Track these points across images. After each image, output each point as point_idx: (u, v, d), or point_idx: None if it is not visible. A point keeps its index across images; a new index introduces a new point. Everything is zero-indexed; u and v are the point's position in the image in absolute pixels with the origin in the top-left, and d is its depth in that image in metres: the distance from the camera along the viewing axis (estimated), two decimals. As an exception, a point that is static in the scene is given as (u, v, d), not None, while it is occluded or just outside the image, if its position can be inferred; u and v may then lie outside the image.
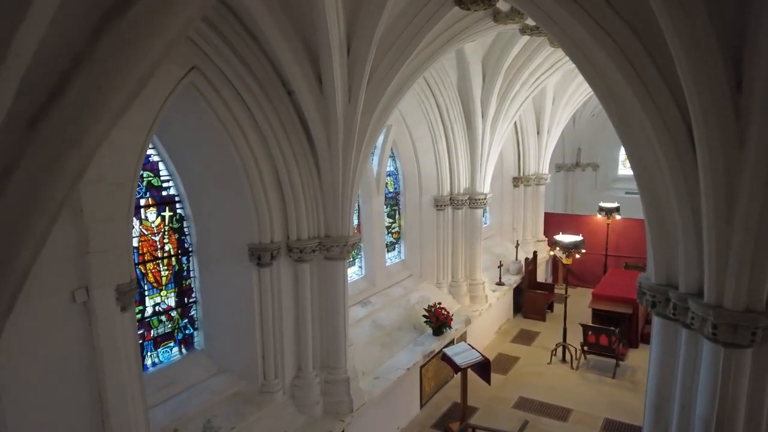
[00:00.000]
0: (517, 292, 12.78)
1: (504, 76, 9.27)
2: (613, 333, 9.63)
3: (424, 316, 9.09)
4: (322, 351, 6.67)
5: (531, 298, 12.64)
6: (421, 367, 8.44)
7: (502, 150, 12.79)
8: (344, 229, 6.32)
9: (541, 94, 12.33)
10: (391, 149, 9.63)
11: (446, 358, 7.88)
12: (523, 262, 12.95)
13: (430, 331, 9.10)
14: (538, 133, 13.50)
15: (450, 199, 10.15)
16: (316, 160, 6.00)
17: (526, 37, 8.53)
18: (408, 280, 10.22)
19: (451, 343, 9.00)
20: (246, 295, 6.08)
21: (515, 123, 12.81)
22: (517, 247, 13.20)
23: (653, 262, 3.72)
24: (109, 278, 4.46)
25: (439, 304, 9.30)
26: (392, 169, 10.02)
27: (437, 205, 10.12)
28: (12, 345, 3.86)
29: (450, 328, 9.25)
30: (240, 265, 6.02)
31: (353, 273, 9.15)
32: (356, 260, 9.25)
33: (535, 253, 13.46)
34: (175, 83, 4.89)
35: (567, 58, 9.57)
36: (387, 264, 9.91)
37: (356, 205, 8.96)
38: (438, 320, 9.05)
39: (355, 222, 9.01)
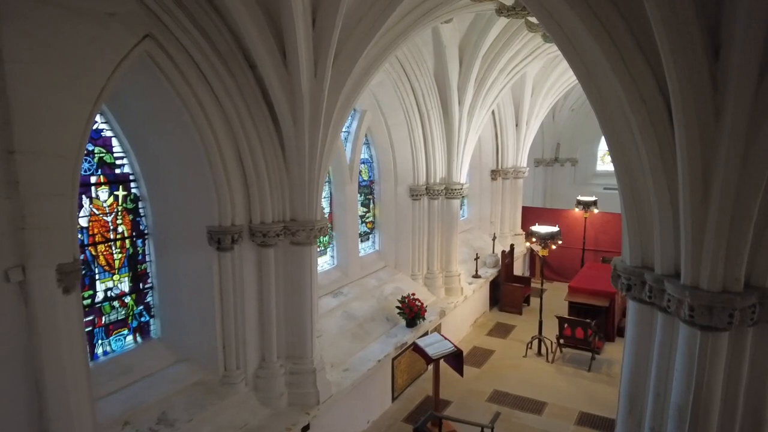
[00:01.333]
0: (494, 285, 12.64)
1: (481, 62, 9.07)
2: (589, 326, 9.52)
3: (398, 307, 8.85)
4: (287, 341, 6.38)
5: (508, 291, 12.50)
6: (394, 359, 8.21)
7: (481, 142, 12.66)
8: (311, 213, 6.04)
9: (520, 84, 12.19)
10: (366, 136, 9.37)
11: (418, 349, 7.64)
12: (500, 255, 12.80)
13: (403, 323, 8.88)
14: (516, 125, 13.35)
15: (426, 188, 9.92)
16: (281, 139, 5.70)
17: (503, 21, 8.35)
18: (382, 271, 9.98)
19: (425, 335, 8.77)
20: (205, 280, 5.76)
21: (494, 114, 12.66)
22: (494, 240, 13.06)
23: (628, 245, 3.54)
24: (50, 257, 4.12)
25: (413, 295, 9.08)
26: (367, 156, 9.75)
27: (413, 195, 9.89)
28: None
29: (424, 319, 9.04)
30: (199, 250, 5.71)
31: (325, 263, 8.89)
32: (328, 249, 8.97)
33: (512, 246, 13.32)
34: (126, 51, 4.54)
35: (546, 45, 9.50)
36: (361, 254, 9.64)
37: (328, 192, 8.72)
38: (411, 311, 8.83)
39: (327, 210, 8.75)
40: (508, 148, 13.47)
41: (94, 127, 5.20)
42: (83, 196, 5.13)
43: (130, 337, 5.71)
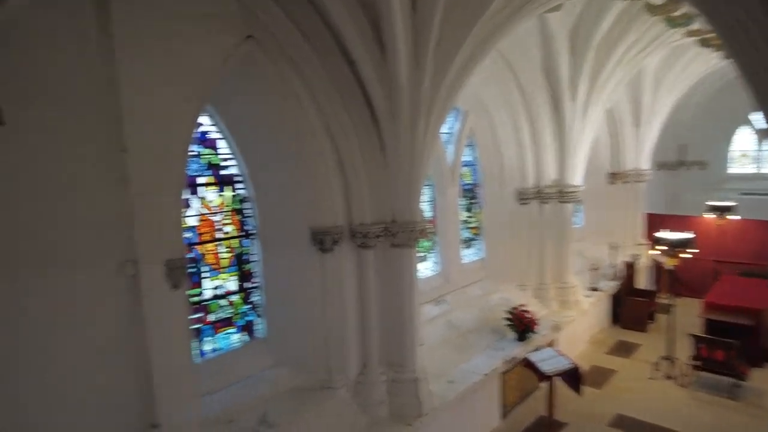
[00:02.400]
0: (614, 299, 11.50)
1: (595, 54, 8.30)
2: (733, 347, 8.21)
3: (506, 318, 8.28)
4: (388, 347, 6.13)
5: (630, 306, 11.30)
6: (502, 374, 7.63)
7: (596, 143, 11.67)
8: (411, 213, 5.78)
9: (639, 79, 11.10)
10: (469, 138, 8.98)
11: (530, 365, 7.05)
12: (620, 267, 11.65)
13: (511, 335, 8.28)
14: (635, 124, 12.18)
15: (536, 191, 9.26)
16: (380, 136, 5.52)
17: (618, 7, 7.58)
18: (487, 280, 9.45)
19: (537, 350, 8.10)
20: (307, 282, 5.72)
21: (609, 113, 11.63)
22: (613, 249, 11.91)
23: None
24: (159, 253, 4.26)
25: (522, 306, 8.45)
26: (470, 158, 9.35)
27: (521, 199, 9.29)
28: (54, 315, 3.73)
29: (535, 333, 8.36)
30: (302, 250, 5.68)
31: (427, 269, 8.57)
32: (430, 256, 8.66)
33: (634, 256, 12.08)
34: (229, 52, 4.64)
35: (669, 33, 8.51)
36: (464, 261, 9.21)
37: (431, 196, 8.44)
38: (521, 324, 8.21)
39: (429, 215, 8.45)
40: (626, 149, 12.31)
41: (202, 129, 5.38)
42: (193, 196, 5.30)
43: (236, 336, 5.78)
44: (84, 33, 3.71)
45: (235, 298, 5.75)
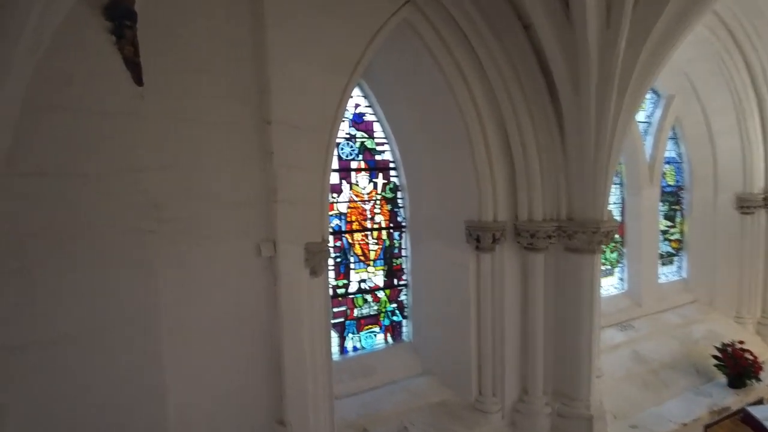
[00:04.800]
0: None
1: None
2: None
3: (715, 357, 6.53)
4: (555, 373, 5.09)
5: None
6: (706, 427, 5.95)
7: None
8: (595, 211, 4.67)
9: None
10: (673, 129, 7.37)
11: (750, 420, 5.34)
12: None
13: (723, 379, 6.51)
14: None
15: (764, 198, 7.24)
16: (558, 115, 4.57)
17: None
18: (690, 307, 7.65)
19: (760, 403, 6.22)
20: (461, 284, 4.98)
21: None
22: None
23: None
24: (299, 235, 3.91)
25: (741, 343, 6.59)
26: (674, 155, 7.68)
27: (742, 207, 7.32)
28: (191, 282, 3.56)
29: (758, 380, 6.45)
30: (455, 247, 4.97)
31: (611, 286, 7.22)
32: (616, 270, 7.27)
33: None
34: (385, 19, 4.13)
35: None
36: (660, 281, 7.59)
37: (619, 197, 7.10)
38: (737, 366, 6.39)
39: (618, 219, 7.08)
40: None
41: (357, 110, 5.02)
42: (344, 181, 4.96)
43: (381, 336, 5.30)
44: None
45: (381, 294, 5.28)
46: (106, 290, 3.17)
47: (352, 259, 5.06)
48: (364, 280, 5.17)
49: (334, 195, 4.93)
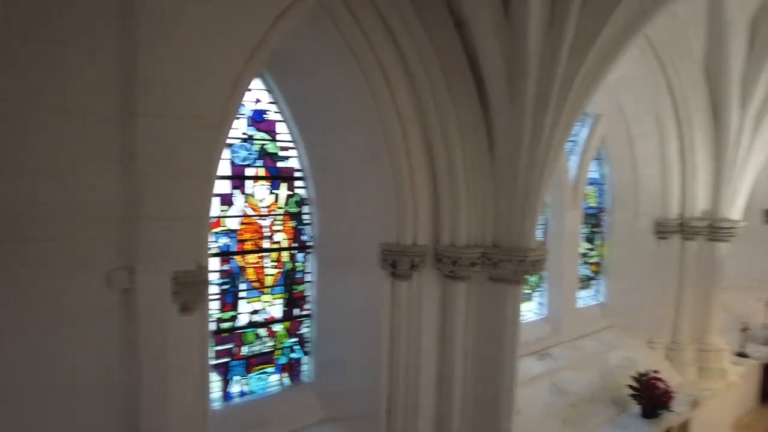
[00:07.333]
0: (766, 370, 8.99)
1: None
2: None
3: (631, 386, 6.34)
4: (474, 415, 4.53)
5: (792, 383, 8.72)
6: (623, 463, 5.71)
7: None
8: (523, 238, 4.16)
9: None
10: (597, 149, 7.19)
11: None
12: (778, 329, 9.11)
13: (637, 410, 6.34)
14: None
15: (680, 224, 7.23)
16: (489, 126, 4.02)
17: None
18: (608, 332, 7.50)
19: (671, 433, 6.09)
20: (372, 315, 4.28)
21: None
22: (769, 306, 9.40)
23: None
24: (166, 261, 3.02)
25: (655, 372, 6.44)
26: (596, 176, 7.52)
27: (659, 232, 7.27)
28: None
29: (669, 410, 6.33)
30: (368, 273, 4.26)
31: (528, 311, 6.84)
32: (535, 294, 6.92)
33: (797, 318, 9.42)
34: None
35: None
36: (579, 306, 7.35)
37: (543, 218, 6.74)
38: (652, 397, 6.24)
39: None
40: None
41: (258, 107, 4.19)
42: (237, 191, 4.10)
43: (276, 377, 4.47)
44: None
45: (278, 327, 4.45)
46: None
47: (243, 286, 4.19)
48: (257, 311, 4.31)
49: (224, 207, 4.06)
